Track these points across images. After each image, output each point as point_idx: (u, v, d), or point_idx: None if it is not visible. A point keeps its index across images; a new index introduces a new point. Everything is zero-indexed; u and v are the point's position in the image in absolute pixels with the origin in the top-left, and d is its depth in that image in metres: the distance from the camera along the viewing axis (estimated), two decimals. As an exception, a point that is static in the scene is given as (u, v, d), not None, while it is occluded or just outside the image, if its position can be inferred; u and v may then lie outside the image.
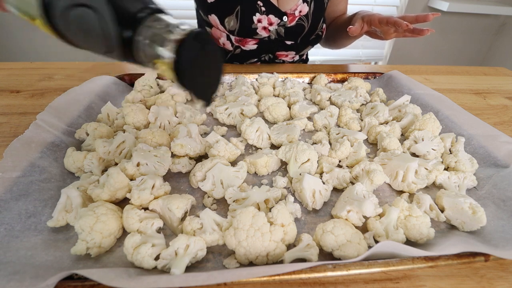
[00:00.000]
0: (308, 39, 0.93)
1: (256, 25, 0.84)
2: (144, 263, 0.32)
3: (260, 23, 0.84)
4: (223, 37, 0.90)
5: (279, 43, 0.91)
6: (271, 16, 0.84)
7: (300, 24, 0.88)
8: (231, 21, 0.83)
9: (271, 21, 0.84)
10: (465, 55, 2.25)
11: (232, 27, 0.85)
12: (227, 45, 0.92)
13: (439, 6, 1.85)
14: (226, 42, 0.91)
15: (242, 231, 0.33)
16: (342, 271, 0.31)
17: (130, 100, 0.66)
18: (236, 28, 0.85)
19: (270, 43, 0.91)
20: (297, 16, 0.86)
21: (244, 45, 0.90)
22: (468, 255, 0.33)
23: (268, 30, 0.86)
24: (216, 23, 0.86)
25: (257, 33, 0.86)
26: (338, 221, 0.37)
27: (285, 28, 0.87)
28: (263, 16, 0.83)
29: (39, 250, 0.34)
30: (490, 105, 0.75)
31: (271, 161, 0.48)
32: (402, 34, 0.70)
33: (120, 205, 0.40)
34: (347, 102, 0.69)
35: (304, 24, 0.88)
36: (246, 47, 0.91)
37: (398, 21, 0.64)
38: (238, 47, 0.92)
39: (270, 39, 0.89)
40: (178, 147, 0.48)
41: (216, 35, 0.92)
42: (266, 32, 0.87)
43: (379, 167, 0.46)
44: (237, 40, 0.89)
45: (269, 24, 0.85)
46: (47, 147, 0.47)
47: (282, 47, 0.93)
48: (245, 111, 0.63)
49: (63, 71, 0.84)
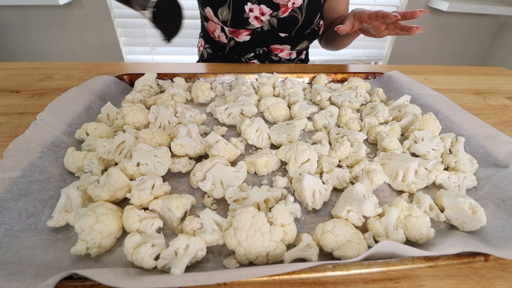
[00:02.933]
0: (303, 32, 0.93)
1: (248, 14, 0.85)
2: (144, 263, 0.32)
3: (252, 13, 0.85)
4: (217, 29, 0.92)
5: (272, 35, 0.92)
6: (263, 6, 0.85)
7: (293, 15, 0.88)
8: (224, 11, 0.85)
9: (262, 11, 0.85)
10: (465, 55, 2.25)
11: (225, 17, 0.86)
12: (221, 37, 0.93)
13: (439, 6, 1.85)
14: (221, 34, 0.93)
15: (242, 231, 0.33)
16: (342, 271, 0.31)
17: (130, 100, 0.66)
18: (228, 18, 0.86)
19: (263, 35, 0.91)
20: (290, 8, 0.86)
21: (238, 36, 0.91)
22: (468, 255, 0.33)
23: (260, 21, 0.87)
24: (211, 15, 0.88)
25: (249, 23, 0.87)
26: (338, 221, 0.37)
27: (277, 19, 0.88)
28: (255, 5, 0.84)
29: (39, 250, 0.34)
30: (490, 105, 0.75)
31: (271, 161, 0.48)
32: (394, 32, 0.70)
33: (120, 205, 0.40)
34: (347, 102, 0.69)
35: (298, 16, 0.88)
36: (240, 38, 0.92)
37: (387, 13, 0.65)
38: (232, 39, 0.93)
39: (263, 30, 0.90)
40: (178, 147, 0.48)
41: (212, 29, 0.94)
42: (258, 22, 0.87)
43: (379, 167, 0.46)
44: (231, 32, 0.90)
45: (261, 14, 0.86)
46: (47, 147, 0.47)
47: (276, 39, 0.93)
48: (245, 111, 0.63)
49: (63, 71, 0.84)
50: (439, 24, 2.03)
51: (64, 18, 1.71)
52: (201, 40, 1.08)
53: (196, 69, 0.92)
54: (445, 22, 2.02)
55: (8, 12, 1.65)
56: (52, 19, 1.71)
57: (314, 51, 1.99)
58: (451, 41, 2.15)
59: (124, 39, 1.88)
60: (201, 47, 1.08)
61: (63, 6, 1.62)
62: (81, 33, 1.79)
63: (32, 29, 1.73)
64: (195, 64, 1.01)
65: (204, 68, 0.93)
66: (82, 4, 1.68)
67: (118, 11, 1.74)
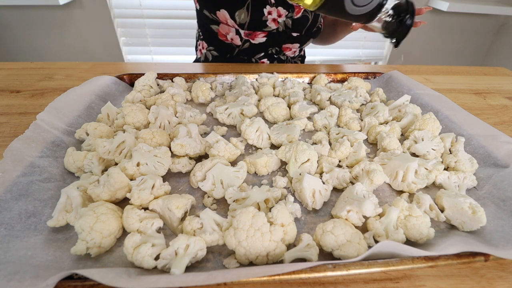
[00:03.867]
0: (311, 31, 0.95)
1: (266, 17, 0.86)
2: (144, 263, 0.32)
3: (270, 15, 0.86)
4: (231, 32, 0.91)
5: (286, 35, 0.93)
6: (280, 8, 0.86)
7: (305, 15, 0.90)
8: (242, 14, 0.85)
9: (280, 13, 0.86)
10: (465, 55, 2.25)
11: (242, 20, 0.86)
12: (235, 40, 0.93)
13: (439, 6, 1.85)
14: (235, 37, 0.92)
15: (242, 231, 0.33)
16: (342, 271, 0.31)
17: (130, 100, 0.66)
18: (247, 21, 0.86)
19: (278, 35, 0.92)
20: (303, 8, 0.87)
21: (254, 38, 0.92)
22: (468, 255, 0.33)
23: (277, 22, 0.88)
24: (225, 18, 0.87)
25: (266, 25, 0.88)
26: (338, 221, 0.37)
27: (292, 20, 0.89)
28: (273, 8, 0.85)
29: (39, 250, 0.34)
30: (490, 105, 0.75)
31: (271, 161, 0.48)
32: None
33: (120, 205, 0.40)
34: (347, 102, 0.69)
35: (308, 15, 0.90)
36: (256, 40, 0.92)
37: None
38: (247, 41, 0.93)
39: (278, 31, 0.91)
40: (178, 147, 0.48)
41: (224, 31, 0.93)
42: (275, 24, 0.88)
43: (379, 167, 0.46)
44: (247, 34, 0.90)
45: (278, 16, 0.86)
46: (47, 147, 0.47)
47: (289, 39, 0.95)
48: (245, 111, 0.63)
49: (63, 71, 0.84)
50: (439, 24, 2.03)
51: (64, 18, 1.71)
52: (202, 43, 1.05)
53: (196, 69, 0.92)
54: (445, 22, 2.02)
55: (8, 12, 1.65)
56: (52, 19, 1.71)
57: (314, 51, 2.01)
58: (451, 41, 2.15)
59: (124, 39, 1.88)
60: (203, 49, 1.06)
61: (63, 6, 1.62)
62: (81, 33, 1.79)
63: (32, 29, 1.73)
64: (195, 64, 1.00)
65: (204, 68, 0.93)
66: (82, 4, 1.68)
67: (118, 11, 1.74)
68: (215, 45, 1.01)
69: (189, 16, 1.76)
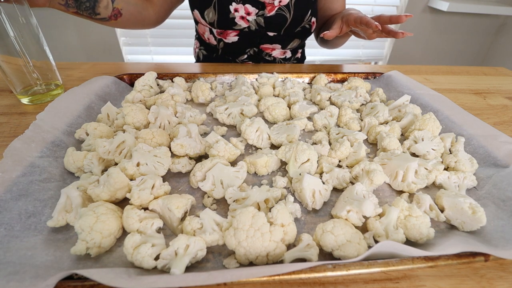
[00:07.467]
0: (292, 31, 0.91)
1: (233, 15, 0.85)
2: (144, 263, 0.32)
3: (237, 13, 0.85)
4: (207, 31, 0.92)
5: (261, 35, 0.91)
6: (248, 5, 0.84)
7: (281, 14, 0.87)
8: (210, 13, 0.85)
9: (248, 11, 0.85)
10: (465, 55, 2.25)
11: (211, 19, 0.86)
12: (211, 39, 0.94)
13: (439, 6, 1.85)
14: (210, 36, 0.93)
15: (242, 231, 0.33)
16: (342, 271, 0.31)
17: (130, 100, 0.66)
18: (215, 19, 0.86)
19: (251, 35, 0.90)
20: (277, 6, 0.85)
21: (226, 37, 0.91)
22: (468, 255, 0.32)
23: (247, 20, 0.86)
24: (198, 17, 0.88)
25: (235, 23, 0.86)
26: (338, 221, 0.37)
27: (264, 18, 0.87)
28: (240, 5, 0.84)
29: (39, 250, 0.34)
30: (490, 105, 0.75)
31: (271, 161, 0.48)
32: (382, 35, 0.70)
33: (120, 205, 0.40)
34: (347, 102, 0.69)
35: (286, 14, 0.87)
36: (228, 39, 0.92)
37: (369, 22, 0.64)
38: (221, 40, 0.93)
39: (250, 30, 0.89)
40: (178, 147, 0.48)
41: (201, 31, 0.94)
42: (245, 22, 0.87)
43: (379, 167, 0.46)
44: (219, 33, 0.90)
45: (246, 14, 0.85)
46: (47, 147, 0.47)
47: (265, 39, 0.93)
48: (245, 111, 0.63)
49: (63, 71, 0.84)
50: (439, 24, 2.04)
51: (64, 18, 1.71)
52: (196, 42, 1.08)
53: (196, 69, 0.92)
54: (445, 22, 2.02)
55: (8, 12, 1.65)
56: (52, 19, 1.71)
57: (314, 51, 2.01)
58: (451, 41, 2.15)
59: (124, 39, 1.88)
60: (196, 48, 1.08)
61: (63, 6, 1.62)
62: (81, 33, 1.79)
63: (32, 29, 1.73)
64: (195, 64, 1.00)
65: (204, 68, 0.93)
66: (82, 4, 1.68)
67: (118, 11, 1.74)
68: (203, 44, 1.03)
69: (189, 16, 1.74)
